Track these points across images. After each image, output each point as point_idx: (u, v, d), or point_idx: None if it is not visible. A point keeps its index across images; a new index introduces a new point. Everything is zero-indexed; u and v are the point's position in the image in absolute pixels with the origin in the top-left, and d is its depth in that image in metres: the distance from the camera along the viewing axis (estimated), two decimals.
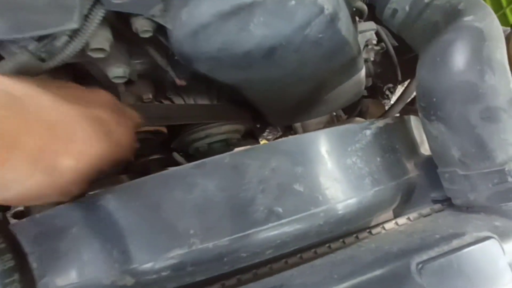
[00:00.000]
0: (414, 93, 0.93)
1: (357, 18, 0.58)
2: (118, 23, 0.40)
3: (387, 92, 0.89)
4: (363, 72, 0.65)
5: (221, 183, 0.30)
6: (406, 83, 0.93)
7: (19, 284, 0.22)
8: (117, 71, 0.46)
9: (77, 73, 0.51)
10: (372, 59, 0.76)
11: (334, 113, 0.97)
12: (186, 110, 0.65)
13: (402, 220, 0.36)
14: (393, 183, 0.35)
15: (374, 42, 0.68)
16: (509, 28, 0.59)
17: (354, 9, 0.53)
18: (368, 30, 0.64)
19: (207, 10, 0.32)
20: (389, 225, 0.36)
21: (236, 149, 0.31)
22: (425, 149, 0.44)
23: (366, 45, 0.69)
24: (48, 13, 0.29)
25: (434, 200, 0.38)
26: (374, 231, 0.35)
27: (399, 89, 0.96)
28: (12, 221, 0.44)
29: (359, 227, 0.36)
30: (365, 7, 0.55)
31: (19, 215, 0.47)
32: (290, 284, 0.28)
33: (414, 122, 0.46)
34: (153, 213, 0.29)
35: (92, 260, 0.30)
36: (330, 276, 0.27)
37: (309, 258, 0.33)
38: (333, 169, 0.33)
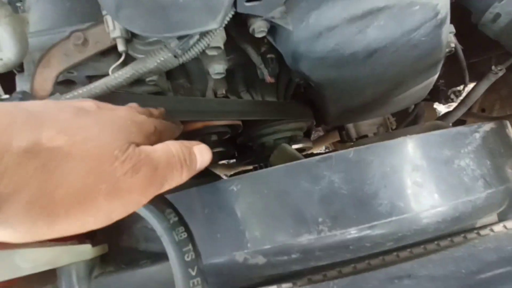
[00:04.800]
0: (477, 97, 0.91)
1: None
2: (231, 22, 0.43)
3: (452, 96, 0.88)
4: (436, 76, 0.65)
5: (347, 176, 0.32)
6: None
7: (194, 253, 0.25)
8: (218, 67, 0.49)
9: None
10: None
11: None
12: (259, 106, 0.67)
13: (510, 224, 0.36)
14: (503, 187, 0.36)
15: (452, 45, 0.67)
16: None
17: None
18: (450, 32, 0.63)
19: (339, 14, 0.34)
20: (498, 228, 0.36)
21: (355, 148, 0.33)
22: None
23: None
24: (197, 14, 0.32)
25: None
26: (482, 232, 0.36)
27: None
28: None
29: (467, 227, 0.37)
30: None
31: None
32: (417, 275, 0.29)
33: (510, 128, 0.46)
34: (284, 200, 0.32)
35: (226, 239, 0.33)
36: (458, 271, 0.29)
37: (419, 253, 0.34)
38: (449, 169, 0.34)
